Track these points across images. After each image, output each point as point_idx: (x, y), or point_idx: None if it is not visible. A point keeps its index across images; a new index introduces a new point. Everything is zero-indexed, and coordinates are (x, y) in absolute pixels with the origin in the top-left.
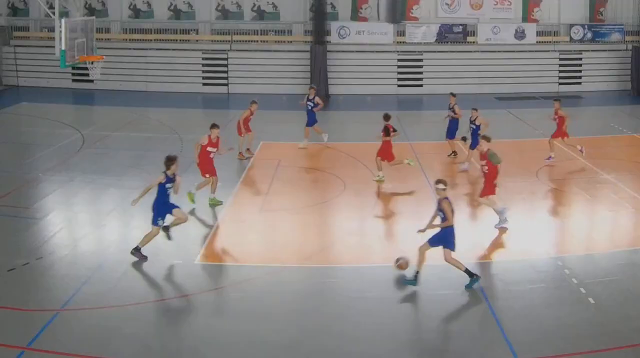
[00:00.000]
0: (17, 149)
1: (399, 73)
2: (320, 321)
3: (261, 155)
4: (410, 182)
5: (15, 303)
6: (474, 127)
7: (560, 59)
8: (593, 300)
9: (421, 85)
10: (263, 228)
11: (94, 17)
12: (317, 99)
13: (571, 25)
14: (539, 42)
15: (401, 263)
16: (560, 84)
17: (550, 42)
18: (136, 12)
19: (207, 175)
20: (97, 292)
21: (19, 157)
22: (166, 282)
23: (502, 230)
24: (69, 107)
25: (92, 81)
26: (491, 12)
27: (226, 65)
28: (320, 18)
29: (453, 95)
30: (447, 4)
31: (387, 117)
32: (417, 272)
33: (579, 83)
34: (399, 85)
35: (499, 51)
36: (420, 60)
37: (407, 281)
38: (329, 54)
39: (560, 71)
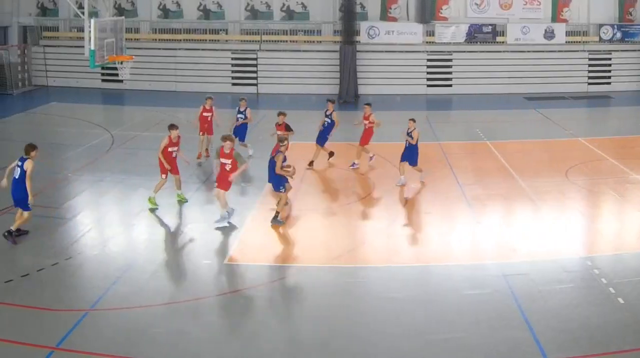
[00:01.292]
0: (47, 148)
1: (428, 73)
2: (348, 321)
3: (290, 156)
4: (440, 182)
5: (44, 304)
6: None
7: (590, 59)
8: (622, 300)
9: (450, 85)
10: (292, 229)
11: (123, 17)
12: (248, 111)
13: (600, 25)
14: (568, 42)
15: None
16: (589, 84)
17: (579, 42)
18: (165, 12)
19: (164, 176)
20: (126, 292)
21: (48, 157)
22: (196, 282)
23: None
24: (98, 107)
25: (121, 81)
26: (520, 12)
27: (255, 65)
28: (349, 18)
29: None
30: (476, 4)
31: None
32: None
33: (609, 83)
34: (428, 85)
35: (528, 51)
36: (450, 60)
37: None
38: (358, 54)
39: (590, 71)
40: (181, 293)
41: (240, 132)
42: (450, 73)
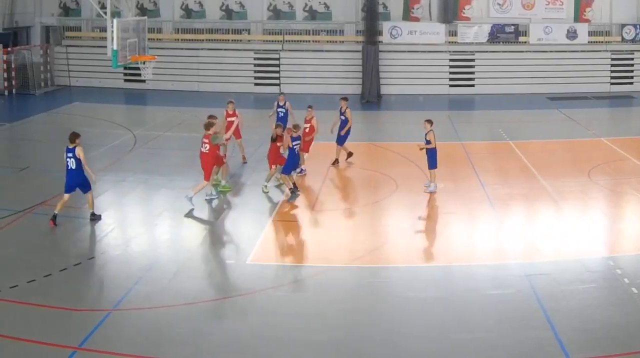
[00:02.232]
0: None
1: (451, 73)
2: (371, 321)
3: (314, 156)
4: (463, 181)
5: (67, 304)
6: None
7: (612, 59)
8: None
9: (473, 86)
10: (315, 229)
11: (145, 17)
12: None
13: (623, 25)
14: (591, 42)
15: None
16: (612, 83)
17: (602, 42)
18: (188, 12)
19: (215, 166)
20: (149, 292)
21: None
22: (218, 282)
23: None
24: (120, 107)
25: (144, 81)
26: (543, 12)
27: (278, 65)
28: (372, 18)
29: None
30: (499, 4)
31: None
32: None
33: (631, 83)
34: (450, 86)
35: (550, 51)
36: (472, 60)
37: None
38: (381, 54)
39: (612, 71)
40: (204, 294)
41: (283, 124)
42: (472, 73)
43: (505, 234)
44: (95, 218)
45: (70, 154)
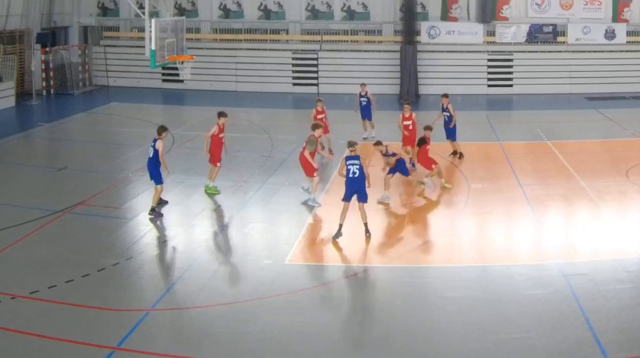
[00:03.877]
0: (108, 149)
1: (489, 73)
2: (410, 321)
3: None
4: (501, 181)
5: (105, 304)
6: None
7: None
8: None
9: (511, 86)
10: (354, 228)
11: (184, 17)
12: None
13: None
14: (629, 42)
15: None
16: None
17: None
18: (226, 12)
19: (218, 164)
20: (186, 292)
21: (109, 157)
22: (256, 282)
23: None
24: (158, 107)
25: (182, 81)
26: (581, 12)
27: (316, 65)
28: (410, 18)
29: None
30: (537, 4)
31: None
32: None
33: None
34: (489, 86)
35: (589, 51)
36: (510, 60)
37: None
38: (419, 54)
39: None
40: (241, 293)
41: (366, 113)
42: (511, 73)
43: (543, 234)
44: (154, 214)
45: (152, 144)
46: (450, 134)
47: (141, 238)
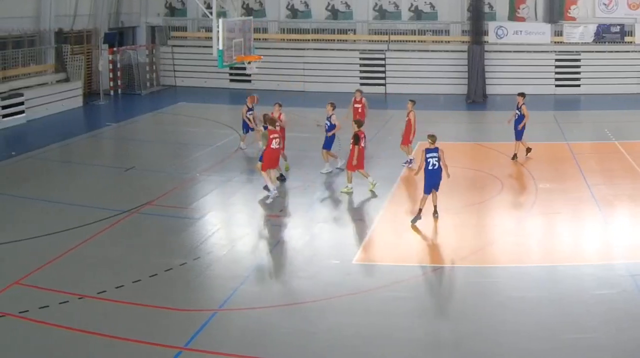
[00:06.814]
0: (175, 148)
1: (557, 73)
2: (478, 321)
3: (418, 156)
4: (568, 181)
5: (173, 304)
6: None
7: None
8: None
9: (579, 86)
10: (420, 228)
11: (251, 17)
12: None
13: None
14: None
15: None
16: None
17: None
18: (294, 12)
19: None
20: (254, 292)
21: (177, 156)
22: (323, 282)
23: None
24: (226, 107)
25: (249, 81)
26: None
27: (383, 65)
28: (478, 18)
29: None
30: (604, 4)
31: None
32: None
33: None
34: (556, 86)
35: None
36: (578, 60)
37: None
38: (487, 54)
39: None
40: (308, 293)
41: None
42: (578, 73)
43: (610, 234)
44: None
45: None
46: (518, 134)
47: (209, 238)
